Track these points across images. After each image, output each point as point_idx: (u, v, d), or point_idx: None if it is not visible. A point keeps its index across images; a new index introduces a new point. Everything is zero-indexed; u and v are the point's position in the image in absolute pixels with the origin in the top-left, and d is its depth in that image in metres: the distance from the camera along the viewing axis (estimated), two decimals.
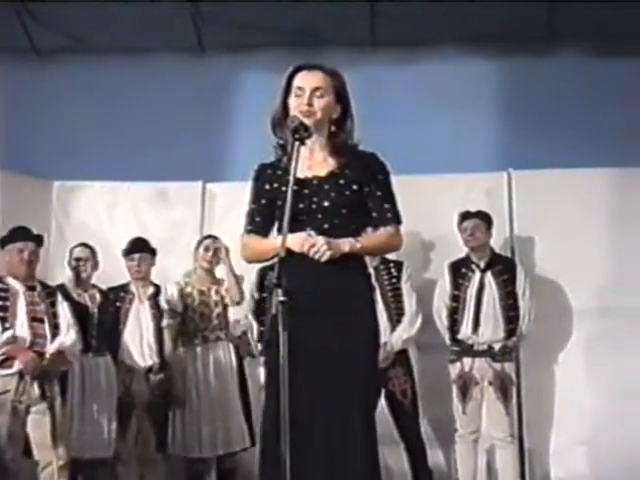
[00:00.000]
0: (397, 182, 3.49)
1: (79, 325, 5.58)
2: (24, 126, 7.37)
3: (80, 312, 5.75)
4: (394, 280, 6.01)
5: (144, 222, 6.94)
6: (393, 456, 6.04)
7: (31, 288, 5.46)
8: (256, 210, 3.47)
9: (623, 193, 6.46)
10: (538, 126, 7.02)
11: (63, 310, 5.49)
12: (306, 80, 3.38)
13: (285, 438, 2.86)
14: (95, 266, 6.06)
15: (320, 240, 3.19)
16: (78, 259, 6.00)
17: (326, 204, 3.32)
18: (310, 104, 3.34)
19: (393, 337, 5.87)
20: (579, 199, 6.41)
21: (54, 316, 5.44)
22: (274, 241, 3.31)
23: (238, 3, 7.14)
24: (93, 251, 6.08)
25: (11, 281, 5.44)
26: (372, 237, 3.41)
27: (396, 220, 3.43)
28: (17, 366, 5.20)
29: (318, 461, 3.15)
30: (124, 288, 6.17)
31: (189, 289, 6.10)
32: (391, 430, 5.90)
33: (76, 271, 5.98)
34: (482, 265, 6.03)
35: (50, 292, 5.55)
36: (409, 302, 5.99)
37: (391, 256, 5.84)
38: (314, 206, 3.32)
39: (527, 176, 6.63)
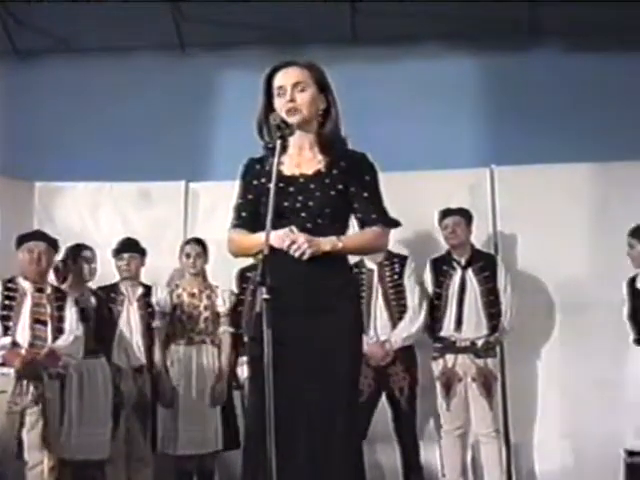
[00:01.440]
0: (380, 179, 3.50)
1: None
2: (5, 127, 7.35)
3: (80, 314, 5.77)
4: (396, 277, 6.00)
5: (128, 222, 6.93)
6: (385, 452, 6.08)
7: (40, 290, 5.49)
8: (243, 205, 3.48)
9: (605, 188, 6.49)
10: (520, 122, 7.04)
11: (70, 314, 5.51)
12: (285, 78, 3.40)
13: (270, 436, 2.87)
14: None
15: (301, 237, 3.20)
16: (88, 260, 6.00)
17: (310, 203, 3.33)
18: (293, 100, 3.35)
19: (393, 335, 5.87)
20: (561, 194, 6.43)
21: (59, 320, 5.46)
22: (258, 236, 3.30)
23: (220, 2, 7.14)
24: (93, 252, 6.06)
25: (21, 281, 5.48)
26: (355, 237, 3.42)
27: (382, 220, 3.43)
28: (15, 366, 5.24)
29: (301, 459, 3.16)
30: (113, 289, 6.16)
31: (179, 290, 6.15)
32: (384, 426, 5.94)
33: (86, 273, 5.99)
34: (463, 262, 6.05)
35: (60, 296, 5.56)
36: (411, 298, 5.97)
37: (395, 250, 5.94)
38: (298, 205, 3.33)
39: (510, 172, 6.65)
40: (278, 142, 3.19)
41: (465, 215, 6.10)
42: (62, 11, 7.25)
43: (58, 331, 5.43)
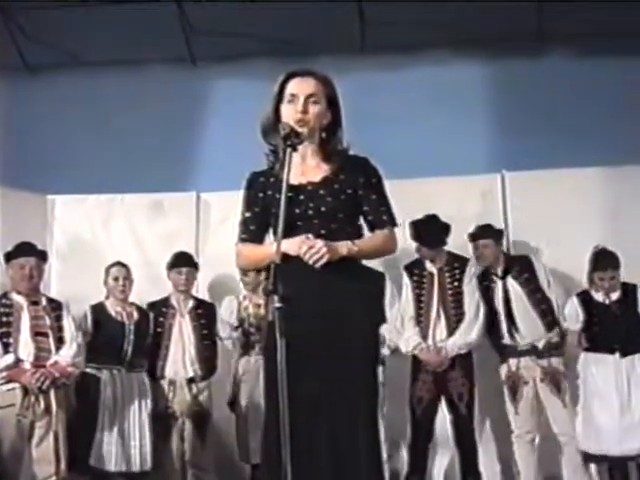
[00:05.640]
0: (391, 186, 3.51)
1: (114, 341, 5.83)
2: (18, 141, 7.39)
3: (116, 329, 5.89)
4: (456, 283, 6.00)
5: (140, 234, 6.96)
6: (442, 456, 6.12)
7: (35, 303, 5.52)
8: (250, 218, 3.48)
9: (617, 192, 6.49)
10: (531, 127, 7.05)
11: (68, 324, 5.56)
12: (300, 87, 3.39)
13: (285, 444, 2.86)
14: (131, 284, 6.12)
15: (319, 242, 3.20)
16: (116, 278, 6.05)
17: (323, 209, 3.33)
18: (305, 111, 3.35)
19: (448, 342, 5.88)
20: (573, 199, 6.42)
21: (59, 330, 5.51)
22: (269, 247, 3.31)
23: (228, 13, 7.16)
24: (128, 269, 6.13)
25: (15, 296, 5.50)
26: (368, 240, 3.41)
27: (391, 222, 3.45)
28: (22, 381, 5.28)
29: (322, 467, 3.15)
30: (165, 302, 6.24)
31: (246, 302, 6.20)
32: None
33: (114, 289, 6.06)
34: (499, 273, 6.06)
35: (55, 306, 5.60)
36: (469, 306, 5.97)
37: (457, 252, 6.02)
38: (310, 212, 3.33)
39: (521, 177, 6.66)
40: (288, 151, 3.19)
41: (494, 235, 6.12)
42: (71, 26, 7.29)
43: (59, 341, 5.47)
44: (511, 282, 6.03)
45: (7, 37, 7.56)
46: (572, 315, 5.92)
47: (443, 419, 5.99)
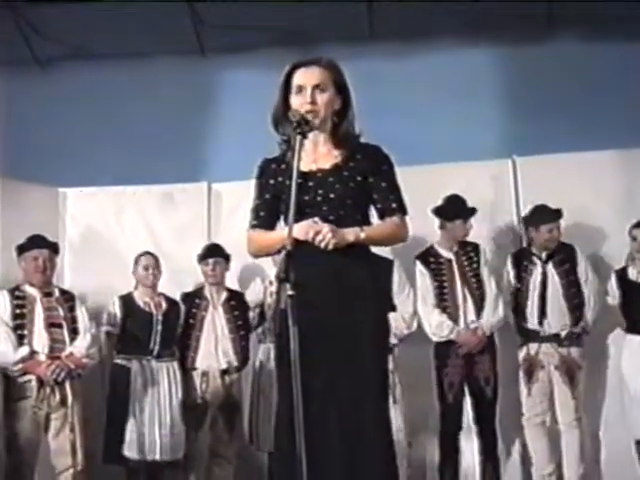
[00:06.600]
0: (402, 173, 3.51)
1: (142, 331, 5.86)
2: (29, 134, 7.40)
3: (144, 320, 5.91)
4: (475, 265, 6.02)
5: (152, 225, 6.97)
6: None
7: (48, 294, 5.55)
8: (261, 205, 3.49)
9: (628, 175, 6.45)
10: (541, 112, 7.02)
11: (82, 315, 5.59)
12: (306, 78, 3.39)
13: (300, 432, 2.86)
14: (160, 273, 6.15)
15: (325, 227, 3.20)
16: (146, 267, 6.08)
17: (331, 196, 3.33)
18: (313, 102, 3.35)
19: (481, 321, 5.90)
20: (583, 182, 6.38)
21: (73, 321, 5.55)
22: (280, 233, 3.32)
23: (236, 3, 7.15)
24: (157, 259, 6.15)
25: (28, 288, 5.54)
26: (377, 227, 3.41)
27: (401, 210, 3.44)
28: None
29: (333, 454, 3.16)
30: (198, 294, 6.25)
31: (272, 288, 6.16)
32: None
33: (143, 279, 6.10)
34: (544, 256, 6.04)
35: (68, 297, 5.63)
36: (489, 286, 5.99)
37: (468, 239, 6.02)
38: (319, 198, 3.33)
39: (531, 162, 6.62)
40: (298, 139, 3.19)
41: (562, 215, 6.07)
42: (80, 18, 7.29)
43: (73, 332, 5.50)
44: (551, 269, 6.00)
45: (17, 31, 7.56)
46: (609, 291, 5.97)
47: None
